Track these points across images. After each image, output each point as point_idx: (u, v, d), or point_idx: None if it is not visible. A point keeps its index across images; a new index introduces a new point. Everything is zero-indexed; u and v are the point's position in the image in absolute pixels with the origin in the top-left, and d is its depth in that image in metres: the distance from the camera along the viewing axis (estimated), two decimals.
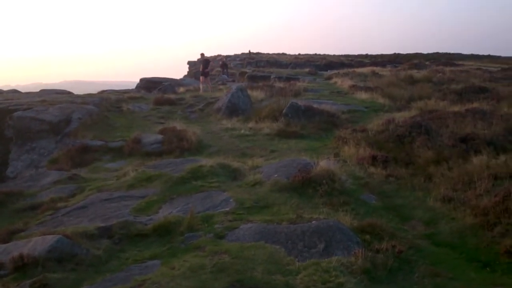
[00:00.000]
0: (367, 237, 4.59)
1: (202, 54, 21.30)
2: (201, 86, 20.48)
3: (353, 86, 19.86)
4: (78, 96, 16.83)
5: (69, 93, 19.04)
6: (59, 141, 11.33)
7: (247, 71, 32.00)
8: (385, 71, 28.75)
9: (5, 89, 21.20)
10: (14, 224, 5.60)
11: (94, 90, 22.16)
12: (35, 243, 4.31)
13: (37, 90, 20.56)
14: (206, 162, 7.23)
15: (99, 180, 7.46)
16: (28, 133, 11.57)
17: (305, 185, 6.14)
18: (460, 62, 41.26)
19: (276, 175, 6.59)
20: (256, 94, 16.85)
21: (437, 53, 64.63)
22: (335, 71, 29.92)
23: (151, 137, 10.25)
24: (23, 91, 20.63)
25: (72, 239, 4.37)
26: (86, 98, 15.22)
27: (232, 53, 53.77)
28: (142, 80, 26.47)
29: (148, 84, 24.70)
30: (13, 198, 6.82)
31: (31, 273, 3.88)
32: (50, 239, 4.31)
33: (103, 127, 12.32)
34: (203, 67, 20.42)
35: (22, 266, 3.97)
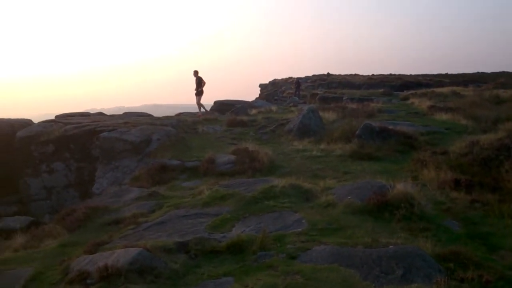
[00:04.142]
0: (450, 265, 4.26)
1: (195, 72, 17.71)
2: (201, 110, 18.88)
3: (432, 106, 18.93)
4: (157, 118, 17.83)
5: (149, 115, 20.23)
6: (140, 160, 12.02)
7: (319, 92, 31.90)
8: (467, 91, 27.07)
9: (92, 112, 23.12)
10: (100, 237, 6.00)
11: (171, 112, 23.30)
12: (118, 255, 4.57)
13: (120, 113, 22.12)
14: (278, 182, 7.25)
15: (176, 197, 7.78)
16: (112, 152, 12.43)
17: (381, 209, 5.91)
18: None
19: (349, 197, 6.42)
20: (328, 115, 16.69)
21: None
22: (412, 91, 28.74)
23: (225, 157, 10.52)
24: (107, 114, 22.33)
25: (152, 253, 4.59)
26: (164, 120, 16.10)
27: (303, 75, 53.96)
28: (216, 102, 27.66)
29: (222, 107, 25.69)
30: (99, 213, 7.31)
31: (115, 283, 4.11)
32: (132, 251, 4.55)
33: (180, 147, 12.89)
34: (197, 86, 17.77)
35: (107, 276, 4.21)
